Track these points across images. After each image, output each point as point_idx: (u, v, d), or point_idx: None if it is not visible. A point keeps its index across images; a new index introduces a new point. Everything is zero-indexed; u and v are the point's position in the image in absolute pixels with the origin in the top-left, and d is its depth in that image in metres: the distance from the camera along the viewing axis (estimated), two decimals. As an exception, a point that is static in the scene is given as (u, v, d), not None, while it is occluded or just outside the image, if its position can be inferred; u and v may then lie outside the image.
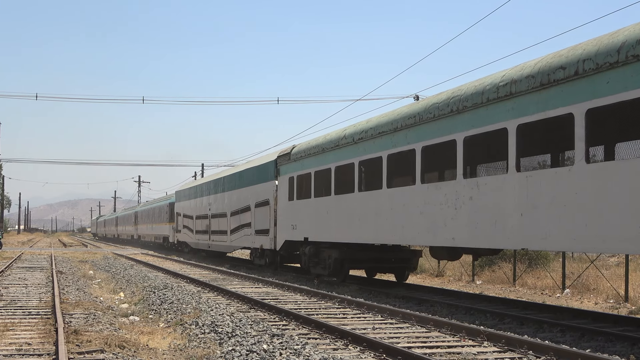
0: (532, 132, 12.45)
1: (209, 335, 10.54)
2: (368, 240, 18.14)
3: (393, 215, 16.43)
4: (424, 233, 15.11)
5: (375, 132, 17.35)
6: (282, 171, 24.24)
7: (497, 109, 12.62)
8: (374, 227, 17.43)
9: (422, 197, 15.10)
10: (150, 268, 29.62)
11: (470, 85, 13.73)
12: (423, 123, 15.11)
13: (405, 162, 16.04)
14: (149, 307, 14.76)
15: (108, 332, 10.75)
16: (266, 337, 10.21)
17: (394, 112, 16.86)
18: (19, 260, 33.82)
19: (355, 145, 18.49)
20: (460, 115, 13.71)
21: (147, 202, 75.34)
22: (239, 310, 13.98)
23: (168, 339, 10.70)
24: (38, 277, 22.53)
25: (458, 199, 13.80)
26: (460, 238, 13.79)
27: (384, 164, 16.86)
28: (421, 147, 15.17)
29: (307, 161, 21.99)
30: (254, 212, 27.17)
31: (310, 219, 21.50)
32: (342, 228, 19.26)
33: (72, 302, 14.76)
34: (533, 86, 11.67)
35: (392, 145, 16.48)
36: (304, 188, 22.19)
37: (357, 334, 10.31)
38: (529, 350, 9.35)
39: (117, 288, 19.99)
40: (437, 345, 10.09)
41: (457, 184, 13.89)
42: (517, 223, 12.07)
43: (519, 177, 12.08)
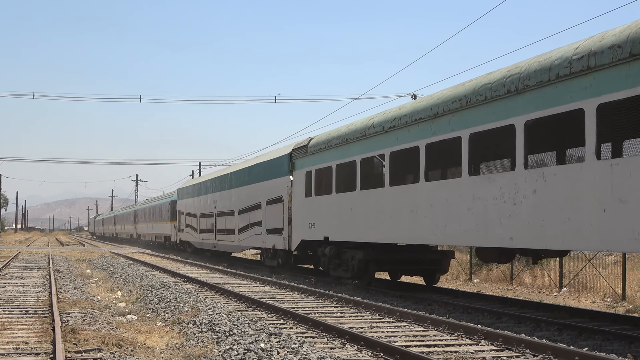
0: (617, 112, 10.88)
1: (207, 334, 10.54)
2: (401, 240, 16.50)
3: (433, 212, 14.73)
4: (472, 232, 13.39)
5: (411, 119, 15.59)
6: (298, 165, 22.43)
7: (570, 87, 11.01)
8: (409, 226, 15.68)
9: (470, 192, 13.37)
10: (147, 267, 29.59)
11: (532, 62, 12.10)
12: (471, 107, 13.36)
13: (448, 151, 14.58)
14: (147, 306, 14.75)
15: (105, 331, 10.74)
16: (264, 335, 10.20)
17: (433, 97, 15.10)
18: (16, 259, 33.78)
19: (385, 135, 16.77)
20: (520, 96, 12.02)
21: (146, 200, 72.96)
22: (237, 309, 13.98)
23: (165, 337, 10.70)
24: (35, 276, 22.50)
25: (518, 193, 12.06)
26: (520, 238, 12.11)
27: (421, 155, 15.13)
28: (469, 134, 13.42)
29: (327, 154, 20.15)
30: (265, 210, 25.48)
31: (331, 216, 19.69)
32: (369, 227, 17.55)
33: (70, 301, 14.74)
34: (620, 58, 10.04)
35: (432, 133, 14.74)
36: (323, 183, 20.48)
37: (354, 332, 10.31)
38: (527, 349, 9.36)
39: (115, 287, 19.98)
40: (435, 344, 10.09)
41: (516, 176, 12.13)
42: (598, 220, 10.42)
43: (601, 166, 10.42)
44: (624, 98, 10.05)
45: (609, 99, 10.27)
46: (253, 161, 29.34)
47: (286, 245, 23.04)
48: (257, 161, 28.15)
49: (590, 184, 10.60)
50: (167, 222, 49.16)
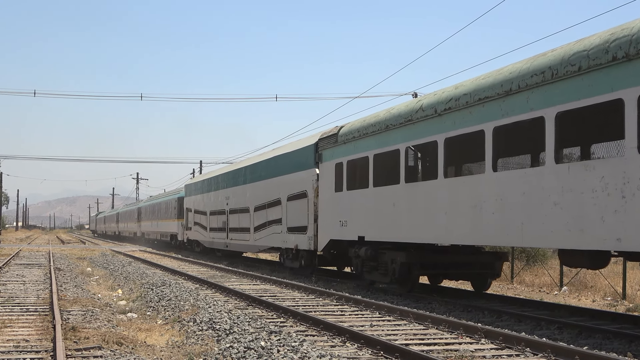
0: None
1: (207, 332, 10.54)
2: (459, 240, 14.26)
3: (503, 208, 12.58)
4: (560, 232, 11.22)
5: (473, 98, 13.44)
6: (326, 156, 20.09)
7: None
8: (470, 224, 13.53)
9: (559, 183, 11.24)
10: (148, 265, 29.61)
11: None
12: (558, 80, 11.24)
13: (525, 135, 12.77)
14: (147, 304, 14.76)
15: (106, 328, 10.75)
16: (264, 334, 10.21)
17: (502, 71, 12.96)
18: (16, 257, 33.80)
19: (438, 119, 14.58)
20: (631, 64, 9.92)
21: (151, 197, 69.46)
22: (237, 307, 13.98)
23: (166, 335, 10.71)
24: (36, 274, 22.51)
25: (628, 184, 9.97)
26: (632, 239, 9.90)
27: (487, 140, 12.92)
28: (555, 114, 11.27)
29: (362, 142, 17.74)
30: (285, 207, 23.22)
31: (367, 213, 17.37)
32: (415, 225, 15.37)
33: (70, 299, 14.76)
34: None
35: (502, 114, 12.58)
36: (358, 175, 18.14)
37: (355, 330, 10.31)
38: (527, 348, 9.36)
39: (115, 285, 20.00)
40: (435, 343, 10.09)
41: (625, 163, 10.04)
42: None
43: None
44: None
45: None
46: (271, 153, 26.78)
47: (311, 245, 20.83)
48: (277, 153, 25.68)
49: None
50: (173, 219, 47.25)
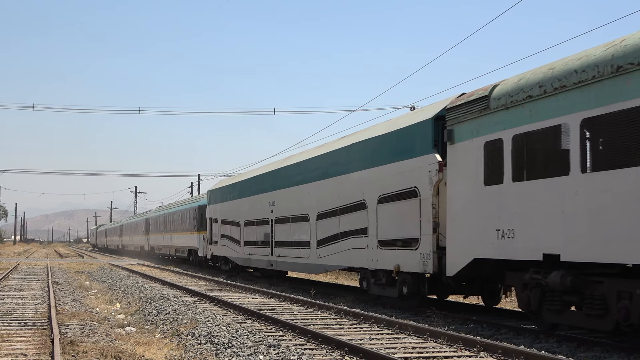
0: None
1: (206, 346, 10.53)
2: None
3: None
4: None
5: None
6: (463, 133, 13.77)
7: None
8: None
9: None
10: (146, 279, 29.55)
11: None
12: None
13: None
14: (145, 318, 14.74)
15: (104, 342, 10.74)
16: (263, 347, 10.21)
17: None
18: (15, 271, 33.74)
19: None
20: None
21: (160, 207, 62.40)
22: (236, 321, 13.97)
23: (164, 349, 10.69)
24: (34, 288, 22.48)
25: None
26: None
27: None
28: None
29: (551, 102, 11.37)
30: (374, 212, 17.12)
31: (568, 217, 10.91)
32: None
33: (68, 313, 14.74)
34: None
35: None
36: (542, 157, 12.02)
37: (353, 344, 10.31)
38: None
39: (113, 299, 19.97)
40: (434, 356, 10.08)
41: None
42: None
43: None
44: None
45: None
46: (345, 141, 20.12)
47: (427, 266, 14.74)
48: (358, 139, 18.96)
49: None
50: (192, 232, 40.28)
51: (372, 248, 17.15)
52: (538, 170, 11.98)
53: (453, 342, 10.98)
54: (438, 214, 14.69)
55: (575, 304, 11.38)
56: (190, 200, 45.45)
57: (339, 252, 19.16)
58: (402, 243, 15.84)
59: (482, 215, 13.09)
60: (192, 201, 43.47)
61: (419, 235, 15.08)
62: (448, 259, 14.07)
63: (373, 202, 17.22)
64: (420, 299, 15.72)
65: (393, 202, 16.34)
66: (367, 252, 17.39)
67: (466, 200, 13.61)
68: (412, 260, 15.27)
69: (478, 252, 13.15)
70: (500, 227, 12.53)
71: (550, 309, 11.67)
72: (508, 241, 12.37)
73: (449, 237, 14.09)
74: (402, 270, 15.76)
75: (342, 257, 19.00)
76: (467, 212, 13.58)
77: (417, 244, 15.16)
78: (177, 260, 47.10)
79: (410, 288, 15.65)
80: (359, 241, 17.89)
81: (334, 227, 19.57)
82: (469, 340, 10.73)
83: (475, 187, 13.34)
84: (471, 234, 13.39)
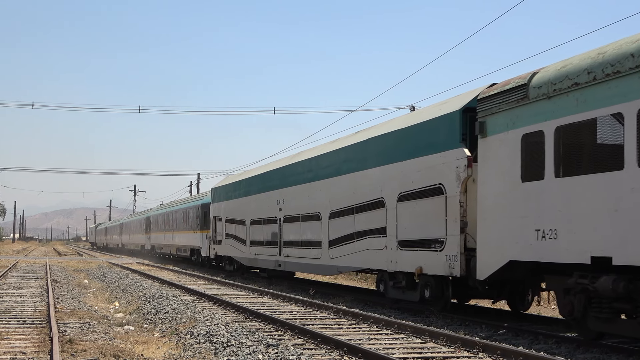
0: None
1: (204, 345, 10.53)
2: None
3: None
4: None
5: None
6: (496, 125, 12.65)
7: None
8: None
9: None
10: (145, 277, 29.54)
11: None
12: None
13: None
14: (144, 317, 14.74)
15: (103, 341, 10.73)
16: (261, 347, 10.20)
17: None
18: (13, 269, 33.73)
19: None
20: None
21: (161, 205, 61.57)
22: (234, 320, 13.96)
23: (163, 348, 10.69)
24: (33, 286, 22.47)
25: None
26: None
27: None
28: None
29: (598, 92, 10.44)
30: (394, 210, 16.09)
31: (621, 216, 9.93)
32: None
33: (67, 311, 14.73)
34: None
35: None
36: (589, 150, 11.30)
37: (352, 344, 10.31)
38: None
39: (112, 297, 19.96)
40: (433, 357, 10.08)
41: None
42: None
43: None
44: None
45: None
46: (361, 135, 19.14)
47: (455, 269, 13.75)
48: (375, 133, 17.94)
49: None
50: (194, 231, 39.23)
51: (391, 249, 16.14)
52: (586, 165, 11.00)
53: (452, 343, 10.98)
54: (466, 212, 13.66)
55: (627, 312, 10.40)
56: (193, 198, 44.11)
57: (353, 252, 18.13)
58: (425, 244, 14.89)
59: (518, 214, 11.96)
60: (195, 199, 42.27)
61: (445, 236, 14.10)
62: (479, 262, 12.93)
63: (392, 200, 16.17)
64: (443, 303, 14.70)
65: (415, 200, 15.28)
66: (386, 253, 16.38)
67: (500, 198, 12.47)
68: (437, 262, 14.29)
69: (513, 254, 12.02)
70: (541, 227, 11.43)
71: (597, 317, 10.59)
72: (549, 242, 11.23)
73: (480, 237, 12.95)
74: (424, 273, 14.75)
75: (357, 258, 17.94)
76: (501, 210, 12.44)
77: (442, 244, 14.19)
78: (178, 260, 45.82)
79: (433, 292, 14.61)
80: (376, 241, 16.90)
81: (348, 227, 18.51)
82: (467, 340, 10.73)
83: (510, 184, 12.19)
84: (506, 235, 12.27)
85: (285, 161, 24.89)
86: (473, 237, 13.40)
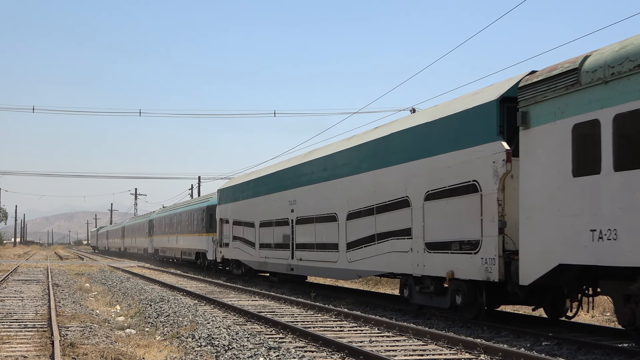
0: None
1: (206, 348, 10.53)
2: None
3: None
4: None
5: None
6: (541, 115, 11.44)
7: None
8: None
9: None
10: (146, 281, 29.54)
11: None
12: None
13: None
14: (145, 320, 14.74)
15: (104, 345, 10.74)
16: (263, 350, 10.21)
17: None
18: (15, 273, 33.74)
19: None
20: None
21: (164, 208, 60.10)
22: (236, 323, 13.96)
23: (164, 352, 10.69)
24: (34, 290, 22.47)
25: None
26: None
27: None
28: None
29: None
30: (420, 210, 14.92)
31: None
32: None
33: (68, 315, 14.74)
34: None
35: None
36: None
37: (353, 347, 10.30)
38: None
39: (114, 301, 19.97)
40: (434, 359, 10.08)
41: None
42: None
43: None
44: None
45: None
46: (382, 130, 17.79)
47: (493, 273, 12.54)
48: (398, 127, 16.64)
49: None
50: (200, 233, 38.01)
51: (418, 251, 14.95)
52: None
53: (453, 345, 10.97)
54: (504, 211, 12.48)
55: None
56: (199, 200, 42.80)
57: (374, 255, 16.86)
58: (457, 246, 13.70)
59: (569, 212, 10.71)
60: (201, 201, 40.96)
61: (480, 237, 12.90)
62: (521, 265, 11.71)
63: (419, 198, 14.99)
64: (476, 310, 13.57)
65: (445, 198, 14.11)
66: (411, 256, 15.20)
67: (547, 195, 11.21)
68: (471, 265, 13.11)
69: (564, 257, 10.75)
70: (597, 227, 10.19)
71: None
72: (608, 244, 10.01)
73: (523, 238, 11.70)
74: (458, 278, 13.54)
75: (378, 262, 16.69)
76: (548, 209, 11.18)
77: (476, 246, 13.01)
78: (183, 264, 44.67)
79: (466, 298, 13.47)
80: (400, 243, 15.68)
81: (368, 228, 17.24)
82: (469, 342, 10.73)
83: (559, 179, 10.92)
84: (554, 235, 11.00)
85: (298, 159, 23.63)
86: (511, 238, 12.36)
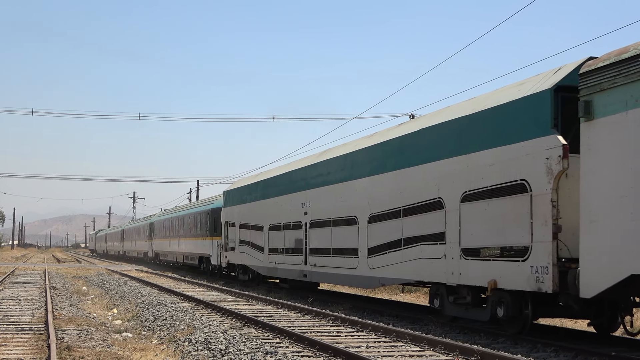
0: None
1: (202, 353, 10.51)
2: None
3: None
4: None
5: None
6: (607, 105, 10.05)
7: None
8: None
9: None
10: (143, 284, 29.51)
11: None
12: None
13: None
14: (142, 324, 14.72)
15: (101, 348, 10.72)
16: (260, 354, 10.19)
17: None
18: (12, 275, 33.69)
19: None
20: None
21: (165, 211, 58.76)
22: (233, 328, 13.95)
23: (161, 355, 10.67)
24: (31, 293, 22.44)
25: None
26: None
27: None
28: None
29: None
30: (456, 211, 13.56)
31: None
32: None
33: (65, 318, 14.72)
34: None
35: None
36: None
37: (350, 352, 10.29)
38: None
39: (111, 304, 19.94)
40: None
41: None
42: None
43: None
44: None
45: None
46: (409, 126, 16.48)
47: (545, 283, 11.19)
48: (428, 123, 15.26)
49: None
50: (204, 237, 36.30)
51: (453, 258, 13.56)
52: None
53: (450, 351, 10.96)
54: (558, 214, 11.11)
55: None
56: (202, 203, 41.26)
57: (400, 262, 15.48)
58: (501, 252, 12.29)
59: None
60: (205, 203, 39.30)
61: (529, 243, 11.54)
62: (583, 275, 10.31)
63: (454, 200, 13.60)
64: (521, 324, 12.31)
65: (486, 199, 12.70)
66: (445, 263, 13.82)
67: (616, 196, 9.81)
68: (518, 274, 11.73)
69: (638, 266, 9.40)
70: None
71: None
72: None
73: (585, 245, 10.28)
74: (501, 288, 12.18)
75: (405, 269, 15.30)
76: (617, 211, 9.78)
77: (525, 253, 11.63)
78: (185, 269, 43.01)
79: (509, 310, 12.14)
80: (431, 249, 14.31)
81: (393, 232, 15.82)
82: (466, 349, 10.71)
83: (632, 178, 9.59)
84: (625, 242, 9.61)
85: (312, 159, 22.19)
86: (566, 245, 11.10)
